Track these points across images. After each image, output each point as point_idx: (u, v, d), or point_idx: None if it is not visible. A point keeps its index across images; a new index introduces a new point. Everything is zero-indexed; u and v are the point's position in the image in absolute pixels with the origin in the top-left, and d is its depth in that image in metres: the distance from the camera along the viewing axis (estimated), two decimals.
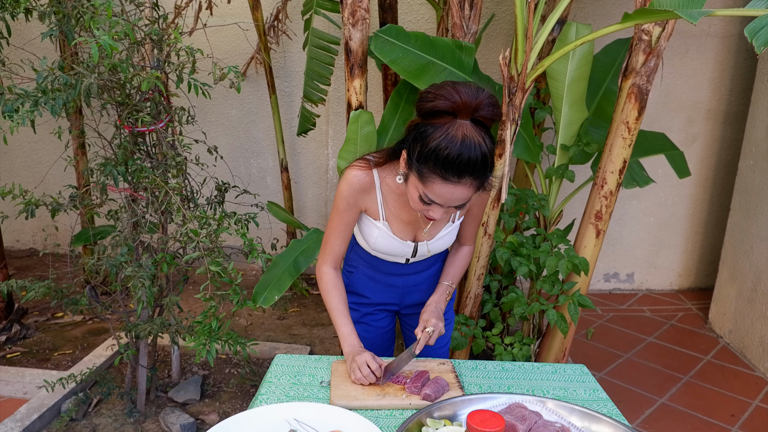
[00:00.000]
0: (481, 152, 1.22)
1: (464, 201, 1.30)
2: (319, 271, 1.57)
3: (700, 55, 3.60)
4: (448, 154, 1.20)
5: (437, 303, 1.55)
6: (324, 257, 1.56)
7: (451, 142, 1.20)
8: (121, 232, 2.09)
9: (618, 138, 2.14)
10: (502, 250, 2.28)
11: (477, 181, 1.26)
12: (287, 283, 2.10)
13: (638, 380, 2.93)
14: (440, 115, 1.24)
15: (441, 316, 1.52)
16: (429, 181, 1.26)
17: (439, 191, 1.26)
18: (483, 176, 1.26)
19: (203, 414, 2.44)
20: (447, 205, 1.30)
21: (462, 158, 1.20)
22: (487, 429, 1.02)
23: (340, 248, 1.55)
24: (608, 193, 2.20)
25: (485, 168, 1.25)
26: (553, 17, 1.98)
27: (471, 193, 1.28)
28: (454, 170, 1.22)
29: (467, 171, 1.22)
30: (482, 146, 1.22)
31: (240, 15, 3.47)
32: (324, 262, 1.56)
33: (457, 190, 1.25)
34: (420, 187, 1.29)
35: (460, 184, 1.24)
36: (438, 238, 1.54)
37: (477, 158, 1.21)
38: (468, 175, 1.23)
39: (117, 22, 1.72)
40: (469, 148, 1.20)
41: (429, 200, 1.29)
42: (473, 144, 1.21)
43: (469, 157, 1.20)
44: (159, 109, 2.10)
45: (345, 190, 1.46)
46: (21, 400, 2.46)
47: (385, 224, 1.49)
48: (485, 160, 1.23)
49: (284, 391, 1.38)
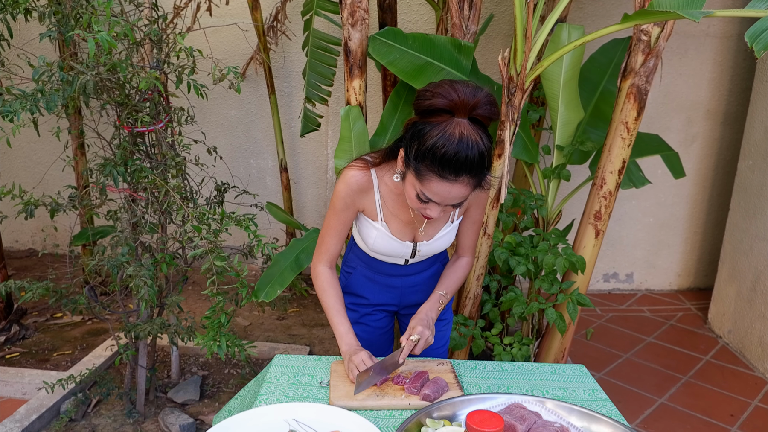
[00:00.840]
0: (478, 150, 1.21)
1: (461, 199, 1.29)
2: (315, 271, 1.57)
3: (699, 56, 3.60)
4: (445, 152, 1.20)
5: (428, 312, 1.52)
6: (319, 256, 1.56)
7: (448, 140, 1.20)
8: (120, 233, 2.09)
9: (617, 138, 2.14)
10: (500, 249, 2.28)
11: (474, 179, 1.26)
12: (289, 278, 2.10)
13: (637, 380, 2.93)
14: (438, 113, 1.24)
15: (430, 325, 1.49)
16: (426, 179, 1.26)
17: (436, 189, 1.26)
18: (480, 175, 1.26)
19: (202, 414, 2.44)
20: (444, 204, 1.30)
21: (459, 156, 1.20)
22: (486, 429, 1.02)
23: (335, 247, 1.54)
24: (607, 194, 2.20)
25: (482, 166, 1.25)
26: (553, 17, 1.98)
27: (468, 192, 1.28)
28: (451, 168, 1.22)
29: (464, 169, 1.22)
30: (479, 145, 1.22)
31: (239, 15, 3.47)
32: (319, 261, 1.56)
33: (455, 188, 1.25)
34: (417, 185, 1.29)
35: (457, 182, 1.24)
36: (437, 238, 1.53)
37: (474, 156, 1.21)
38: (465, 173, 1.23)
39: (117, 23, 1.73)
40: (466, 147, 1.20)
41: (426, 198, 1.29)
42: (470, 142, 1.21)
43: (466, 156, 1.20)
44: (158, 110, 2.10)
45: (342, 190, 1.45)
46: (20, 401, 2.46)
47: (384, 225, 1.49)
48: (482, 159, 1.23)
49: (284, 392, 1.38)
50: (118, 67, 1.86)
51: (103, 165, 2.04)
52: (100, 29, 1.64)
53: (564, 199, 2.57)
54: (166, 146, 2.13)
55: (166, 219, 2.21)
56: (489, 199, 2.10)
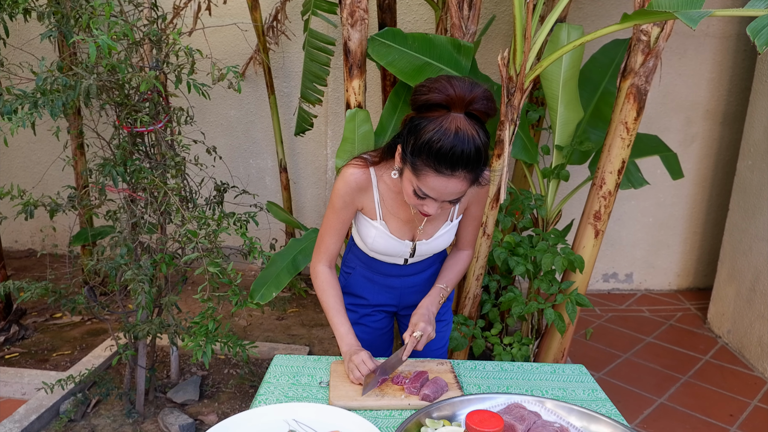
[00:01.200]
0: (474, 145, 1.21)
1: (458, 195, 1.29)
2: (314, 270, 1.57)
3: (698, 56, 3.60)
4: (441, 146, 1.20)
5: (428, 306, 1.53)
6: (319, 256, 1.55)
7: (444, 134, 1.20)
8: (120, 233, 2.08)
9: (617, 138, 2.14)
10: (499, 249, 2.28)
11: (471, 174, 1.26)
12: (285, 280, 2.09)
13: (637, 380, 2.94)
14: (434, 108, 1.24)
15: (432, 320, 1.49)
16: (422, 174, 1.26)
17: (432, 184, 1.26)
18: (477, 170, 1.26)
19: (202, 414, 2.44)
20: (441, 200, 1.30)
21: (455, 151, 1.20)
22: (485, 429, 1.02)
23: (335, 246, 1.54)
24: (607, 194, 2.20)
25: (479, 161, 1.24)
26: (552, 18, 1.98)
27: (465, 187, 1.28)
28: (447, 163, 1.22)
29: (460, 164, 1.22)
30: (476, 139, 1.22)
31: (239, 15, 3.47)
32: (319, 260, 1.56)
33: (451, 183, 1.25)
34: (414, 180, 1.29)
35: (453, 177, 1.24)
36: (436, 237, 1.53)
37: (470, 151, 1.21)
38: (461, 168, 1.23)
39: (116, 23, 1.72)
40: (462, 141, 1.20)
41: (423, 194, 1.29)
42: (467, 137, 1.21)
43: (462, 150, 1.20)
44: (158, 110, 2.10)
45: (342, 188, 1.45)
46: (19, 401, 2.46)
47: (383, 223, 1.49)
48: (479, 154, 1.23)
49: (283, 392, 1.38)
50: (118, 68, 1.86)
51: (103, 165, 2.04)
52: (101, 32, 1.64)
53: (563, 199, 2.57)
54: (165, 146, 2.13)
55: (166, 219, 2.21)
56: (489, 199, 2.10)
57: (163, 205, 2.06)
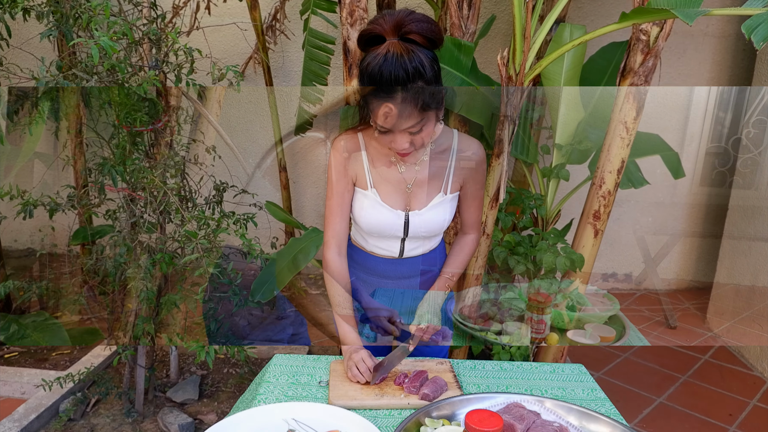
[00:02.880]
0: (402, 65, 1.24)
1: (414, 121, 1.30)
2: (324, 259, 1.56)
3: (698, 55, 3.60)
4: (371, 71, 1.25)
5: (434, 297, 1.54)
6: (328, 243, 1.55)
7: (374, 59, 1.26)
8: (119, 232, 2.08)
9: (616, 138, 2.14)
10: (499, 249, 2.28)
11: (412, 95, 1.26)
12: (286, 278, 2.09)
13: (636, 380, 2.94)
14: (373, 42, 1.29)
15: (437, 311, 1.51)
16: (372, 106, 1.30)
17: (381, 112, 1.29)
18: (417, 91, 1.26)
19: (201, 414, 2.44)
20: (398, 129, 1.31)
21: (383, 72, 1.24)
22: (485, 428, 1.02)
23: (341, 227, 1.54)
24: (606, 193, 2.20)
25: (413, 80, 1.25)
26: (551, 17, 1.98)
27: (414, 110, 1.28)
28: (382, 86, 1.25)
29: (394, 84, 1.24)
30: (403, 59, 1.24)
31: (238, 15, 3.47)
32: (328, 247, 1.55)
33: (395, 107, 1.27)
34: (372, 118, 1.32)
35: (392, 99, 1.26)
36: (430, 207, 1.51)
37: (398, 71, 1.24)
38: (398, 89, 1.25)
39: (115, 22, 1.72)
40: (389, 63, 1.24)
41: (382, 128, 1.32)
42: (395, 58, 1.24)
43: (390, 72, 1.24)
44: (157, 109, 2.10)
45: (334, 157, 1.49)
46: (19, 400, 2.46)
47: (374, 191, 1.49)
48: (409, 73, 1.24)
49: (283, 391, 1.38)
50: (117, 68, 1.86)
51: (102, 164, 2.04)
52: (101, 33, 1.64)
53: (563, 198, 2.57)
54: (165, 145, 2.12)
55: (165, 219, 2.20)
56: (488, 198, 2.10)
57: (163, 204, 2.06)
